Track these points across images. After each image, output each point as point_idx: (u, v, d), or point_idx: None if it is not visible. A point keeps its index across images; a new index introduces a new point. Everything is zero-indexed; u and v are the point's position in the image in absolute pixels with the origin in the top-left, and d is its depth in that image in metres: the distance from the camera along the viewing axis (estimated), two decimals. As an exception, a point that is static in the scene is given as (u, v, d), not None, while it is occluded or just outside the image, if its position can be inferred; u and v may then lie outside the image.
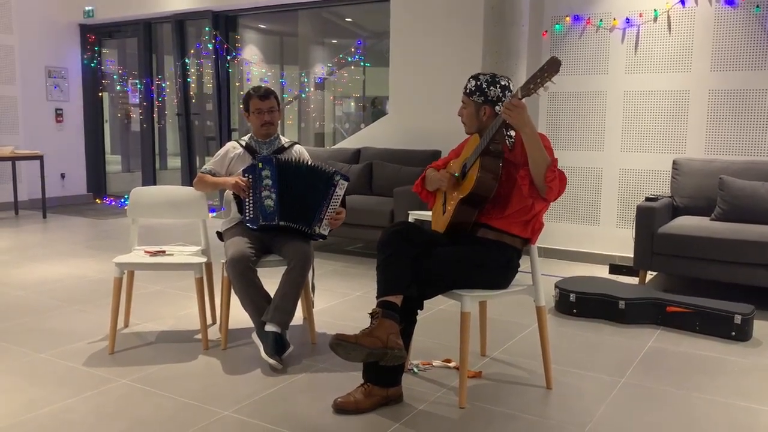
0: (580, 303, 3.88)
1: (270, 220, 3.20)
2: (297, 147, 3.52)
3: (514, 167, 2.65)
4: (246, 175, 3.23)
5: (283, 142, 3.49)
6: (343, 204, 3.29)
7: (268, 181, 3.19)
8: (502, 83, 2.72)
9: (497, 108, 2.69)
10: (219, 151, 3.50)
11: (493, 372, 3.02)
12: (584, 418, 2.55)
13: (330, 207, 3.22)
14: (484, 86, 2.70)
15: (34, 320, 3.72)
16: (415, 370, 2.99)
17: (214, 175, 3.42)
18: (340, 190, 3.23)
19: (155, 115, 8.76)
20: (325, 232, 3.25)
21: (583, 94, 5.34)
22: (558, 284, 4.04)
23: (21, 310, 3.92)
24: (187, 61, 8.26)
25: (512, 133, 2.71)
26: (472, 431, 2.44)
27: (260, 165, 3.20)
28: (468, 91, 2.75)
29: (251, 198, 3.23)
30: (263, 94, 3.38)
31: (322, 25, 8.34)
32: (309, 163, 3.30)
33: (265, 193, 3.19)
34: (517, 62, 4.81)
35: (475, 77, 2.74)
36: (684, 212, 4.71)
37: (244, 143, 3.45)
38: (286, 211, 3.21)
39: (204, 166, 3.48)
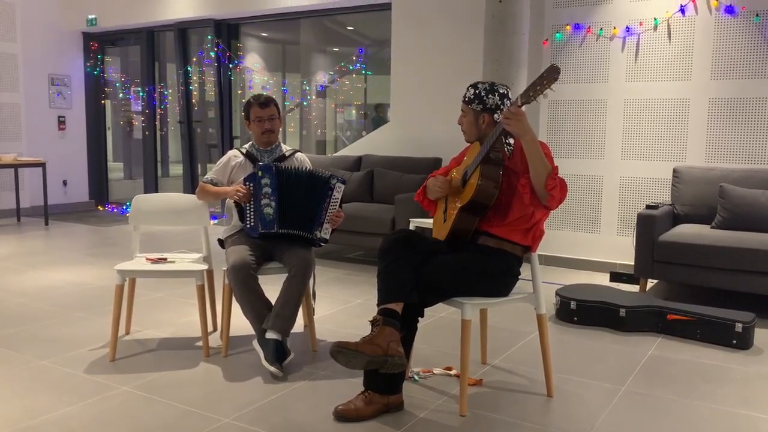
0: (581, 311, 3.88)
1: (269, 227, 3.21)
2: (298, 155, 3.53)
3: (514, 175, 2.65)
4: (247, 183, 3.24)
5: (284, 149, 3.51)
6: (340, 207, 3.31)
7: (268, 189, 3.21)
8: (501, 91, 2.73)
9: (496, 116, 2.71)
10: (220, 160, 3.51)
11: (494, 380, 3.02)
12: (585, 426, 2.55)
13: (329, 210, 3.24)
14: (482, 94, 2.72)
15: (36, 327, 3.73)
16: (416, 377, 2.99)
17: (215, 184, 3.43)
18: (337, 193, 3.25)
19: (157, 123, 8.78)
20: (327, 236, 3.27)
21: (584, 103, 5.35)
22: (559, 292, 4.04)
23: (22, 317, 3.93)
24: (189, 69, 8.30)
25: (511, 140, 2.72)
26: (472, 439, 2.44)
27: (260, 173, 3.21)
28: (467, 99, 2.76)
29: (252, 206, 3.24)
30: (263, 101, 3.39)
31: (323, 34, 8.38)
32: (308, 169, 3.32)
33: (264, 201, 3.21)
34: (517, 70, 4.82)
35: (474, 86, 2.75)
36: (684, 220, 4.71)
37: (245, 151, 3.47)
38: (285, 219, 3.22)
39: (206, 176, 3.49)
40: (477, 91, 2.73)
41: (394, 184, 5.67)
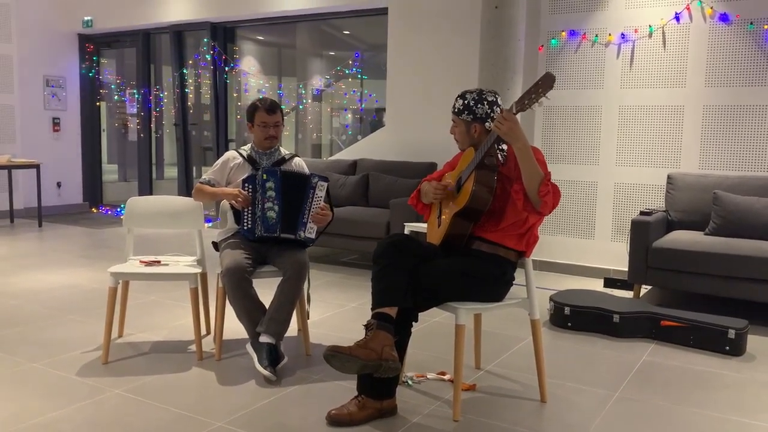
0: (575, 316, 3.88)
1: (272, 231, 3.20)
2: (296, 159, 3.52)
3: (507, 181, 2.66)
4: (246, 185, 3.23)
5: (283, 153, 3.50)
6: (331, 211, 3.32)
7: (272, 193, 3.20)
8: (489, 99, 2.73)
9: (487, 125, 2.71)
10: (218, 161, 3.48)
11: (488, 385, 3.02)
12: (578, 431, 2.55)
13: (312, 210, 3.24)
14: (471, 104, 2.72)
15: (28, 329, 3.71)
16: (410, 382, 2.99)
17: (212, 185, 3.41)
18: (320, 192, 3.25)
19: (152, 125, 8.77)
20: (312, 235, 3.26)
21: (579, 109, 5.37)
22: (553, 297, 4.04)
23: (15, 319, 3.91)
24: (185, 71, 8.29)
25: (504, 146, 2.73)
26: (465, 444, 2.43)
27: (264, 176, 3.20)
28: (456, 110, 2.77)
29: (250, 209, 3.23)
30: (270, 107, 3.35)
31: (320, 37, 8.38)
32: (296, 171, 3.32)
33: (268, 204, 3.20)
34: (513, 76, 4.84)
35: (462, 96, 2.76)
36: (678, 226, 4.73)
37: (245, 154, 3.44)
38: (287, 223, 3.22)
39: (203, 176, 3.47)
40: (466, 102, 2.73)
41: (389, 188, 5.67)
